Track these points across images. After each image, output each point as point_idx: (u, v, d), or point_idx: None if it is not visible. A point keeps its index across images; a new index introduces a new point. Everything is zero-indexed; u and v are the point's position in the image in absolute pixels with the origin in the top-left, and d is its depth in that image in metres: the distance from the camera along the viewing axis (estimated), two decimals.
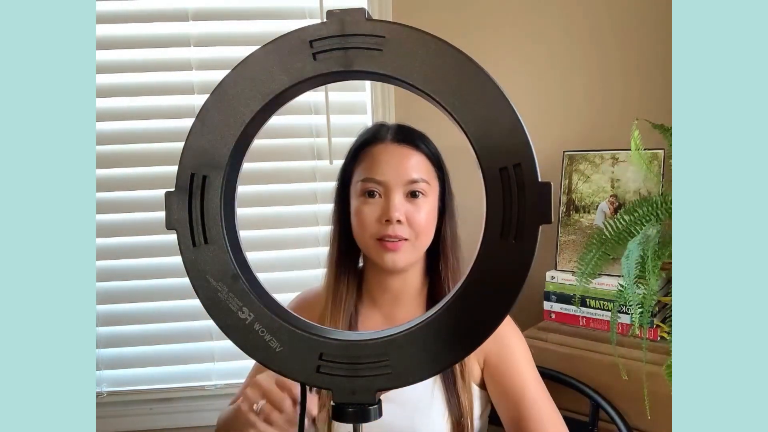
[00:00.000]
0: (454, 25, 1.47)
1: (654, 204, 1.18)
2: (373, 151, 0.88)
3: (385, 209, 0.85)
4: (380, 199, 0.86)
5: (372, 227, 0.86)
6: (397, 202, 0.84)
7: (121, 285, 1.51)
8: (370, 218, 0.86)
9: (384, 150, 0.88)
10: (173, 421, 1.55)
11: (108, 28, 1.43)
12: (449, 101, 0.38)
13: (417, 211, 0.86)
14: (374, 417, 0.41)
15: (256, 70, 0.40)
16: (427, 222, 0.87)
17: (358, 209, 0.87)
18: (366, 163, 0.88)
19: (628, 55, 1.47)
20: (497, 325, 0.40)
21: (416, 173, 0.86)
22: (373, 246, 0.87)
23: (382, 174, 0.85)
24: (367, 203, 0.86)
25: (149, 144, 1.48)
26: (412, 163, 0.87)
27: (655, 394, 1.08)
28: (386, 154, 0.87)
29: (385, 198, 0.85)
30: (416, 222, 0.85)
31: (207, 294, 0.41)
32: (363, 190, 0.87)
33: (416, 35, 0.38)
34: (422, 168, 0.88)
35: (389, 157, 0.87)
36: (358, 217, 0.87)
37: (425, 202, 0.87)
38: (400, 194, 0.85)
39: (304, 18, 1.45)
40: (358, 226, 0.88)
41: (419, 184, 0.86)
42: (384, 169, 0.86)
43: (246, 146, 0.43)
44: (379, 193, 0.86)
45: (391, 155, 0.87)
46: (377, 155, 0.88)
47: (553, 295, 1.35)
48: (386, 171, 0.86)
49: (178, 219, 0.41)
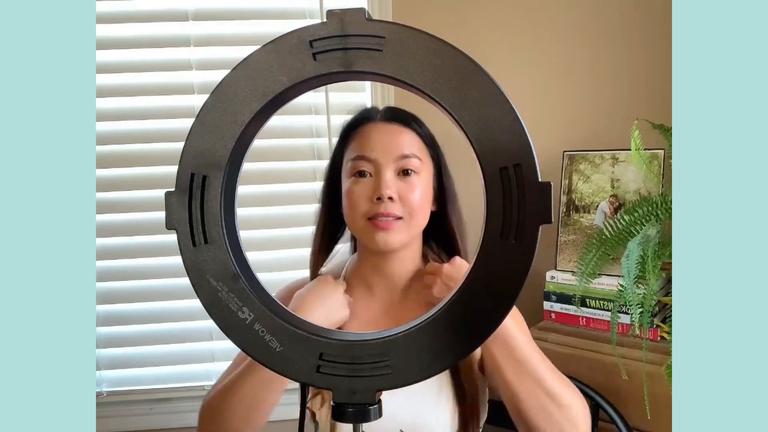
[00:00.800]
0: (454, 25, 1.47)
1: (654, 204, 1.18)
2: (363, 130, 0.87)
3: (375, 187, 0.82)
4: (371, 178, 0.83)
5: (363, 206, 0.83)
6: (388, 179, 0.82)
7: (121, 285, 1.51)
8: (361, 197, 0.83)
9: (373, 128, 0.86)
10: (173, 421, 1.55)
11: (108, 28, 1.43)
12: (449, 101, 0.38)
13: (409, 189, 0.83)
14: (374, 417, 0.41)
15: (256, 70, 0.40)
16: (420, 200, 0.84)
17: (349, 189, 0.85)
18: (356, 142, 0.86)
19: (628, 55, 1.47)
20: (497, 325, 0.40)
21: (407, 149, 0.84)
22: (364, 227, 0.84)
23: (372, 151, 0.83)
24: (358, 183, 0.84)
25: (149, 144, 1.48)
26: (403, 140, 0.85)
27: (655, 394, 1.08)
28: (375, 131, 0.86)
29: (376, 176, 0.83)
30: (409, 200, 0.83)
31: (207, 294, 0.41)
32: (353, 169, 0.84)
33: (416, 35, 0.38)
34: (414, 145, 0.86)
35: (379, 135, 0.85)
36: (349, 197, 0.84)
37: (418, 179, 0.84)
38: (391, 171, 0.83)
39: (304, 18, 1.45)
40: (349, 206, 0.85)
41: (411, 160, 0.84)
42: (374, 147, 0.84)
43: (246, 146, 0.43)
44: (369, 172, 0.84)
45: (381, 132, 0.85)
46: (366, 133, 0.86)
47: (553, 295, 1.35)
48: (376, 148, 0.84)
49: (178, 219, 0.41)
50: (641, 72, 1.46)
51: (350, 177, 0.85)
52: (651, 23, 1.45)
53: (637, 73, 1.47)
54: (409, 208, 0.83)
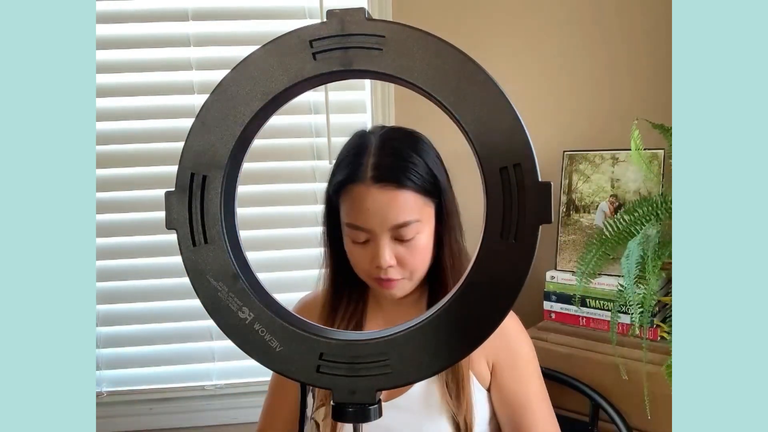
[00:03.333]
0: (454, 24, 1.47)
1: (654, 204, 1.18)
2: (354, 194, 0.80)
3: (374, 257, 0.80)
4: (369, 244, 0.81)
5: (366, 269, 0.83)
6: (386, 251, 0.80)
7: (121, 285, 1.51)
8: (363, 262, 0.83)
9: (366, 194, 0.79)
10: (173, 421, 1.55)
11: (108, 28, 1.43)
12: (449, 100, 0.38)
13: (409, 253, 0.81)
14: (374, 417, 0.41)
15: (256, 69, 0.40)
16: (421, 259, 0.83)
17: (350, 251, 0.84)
18: (348, 204, 0.81)
19: (628, 55, 1.47)
20: (497, 325, 0.40)
21: (403, 216, 0.79)
22: (370, 281, 0.86)
23: (365, 222, 0.79)
24: (357, 247, 0.82)
25: (149, 144, 1.48)
26: (398, 205, 0.78)
27: (655, 394, 1.08)
28: (369, 199, 0.78)
29: (374, 244, 0.80)
30: (408, 263, 0.82)
31: (207, 294, 0.41)
32: (350, 235, 0.82)
33: (416, 35, 0.38)
34: (410, 207, 0.79)
35: (372, 203, 0.78)
36: (352, 258, 0.85)
37: (418, 239, 0.81)
38: (387, 240, 0.80)
39: (304, 18, 1.45)
40: (353, 265, 0.85)
41: (408, 229, 0.79)
42: (367, 217, 0.79)
43: (246, 146, 0.43)
44: (367, 239, 0.81)
45: (374, 200, 0.78)
46: (359, 200, 0.79)
47: (553, 295, 1.35)
48: (369, 219, 0.79)
49: (178, 219, 0.41)
50: (641, 72, 1.46)
51: (349, 238, 0.84)
52: (651, 23, 1.45)
53: (637, 73, 1.47)
54: (411, 269, 0.83)
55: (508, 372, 0.89)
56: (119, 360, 1.54)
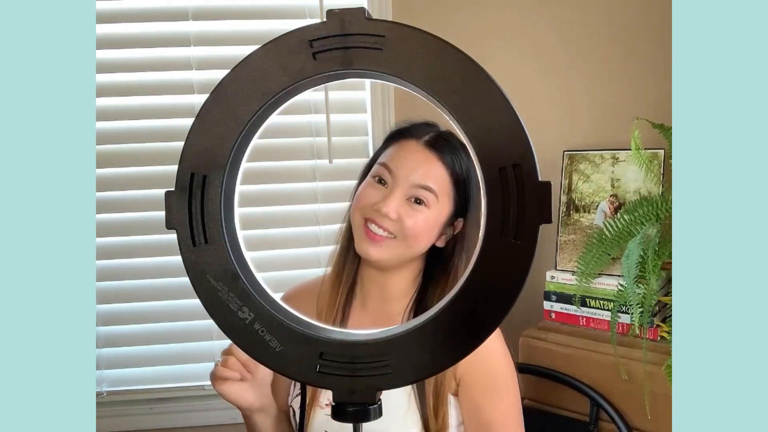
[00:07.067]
0: (454, 24, 1.47)
1: (654, 204, 1.18)
2: (404, 143, 0.89)
3: (383, 199, 0.85)
4: (385, 189, 0.86)
5: (365, 206, 0.86)
6: (397, 199, 0.84)
7: (121, 285, 1.51)
8: (367, 199, 0.86)
9: (411, 147, 0.88)
10: (173, 421, 1.55)
11: (108, 27, 1.42)
12: (449, 101, 0.38)
13: (411, 215, 0.84)
14: (374, 417, 0.41)
15: (255, 69, 0.40)
16: (418, 229, 0.85)
17: (363, 188, 0.89)
18: (393, 149, 0.89)
19: (628, 55, 1.47)
20: (497, 325, 0.40)
21: (427, 179, 0.85)
22: (358, 227, 0.87)
23: (397, 166, 0.86)
24: (372, 185, 0.87)
25: (149, 143, 1.47)
26: (429, 170, 0.86)
27: (655, 394, 1.08)
28: (410, 150, 0.87)
29: (388, 189, 0.86)
30: (406, 224, 0.84)
31: (207, 294, 0.41)
32: (375, 172, 0.88)
33: (416, 35, 0.38)
34: (437, 179, 0.86)
35: (411, 155, 0.87)
36: (361, 193, 0.88)
37: (425, 211, 0.85)
38: (401, 193, 0.85)
39: (304, 17, 1.45)
40: (355, 200, 0.89)
41: (423, 192, 0.85)
42: (400, 164, 0.86)
43: (246, 146, 0.43)
44: (387, 183, 0.86)
45: (414, 153, 0.87)
46: (404, 148, 0.88)
47: (553, 295, 1.35)
48: (401, 166, 0.86)
49: (178, 219, 0.41)
50: (641, 72, 1.46)
51: (371, 177, 0.89)
52: (651, 23, 1.45)
53: (637, 72, 1.46)
54: (404, 231, 0.84)
55: (476, 386, 0.88)
56: (119, 360, 1.53)
